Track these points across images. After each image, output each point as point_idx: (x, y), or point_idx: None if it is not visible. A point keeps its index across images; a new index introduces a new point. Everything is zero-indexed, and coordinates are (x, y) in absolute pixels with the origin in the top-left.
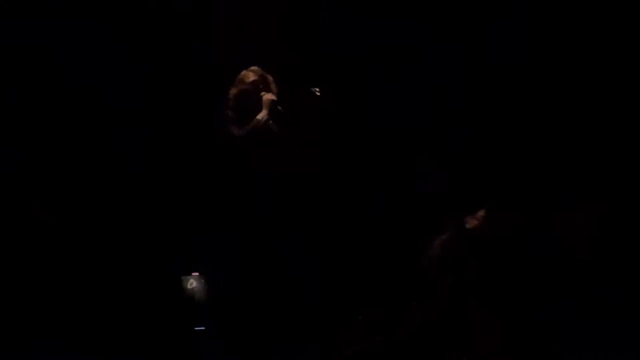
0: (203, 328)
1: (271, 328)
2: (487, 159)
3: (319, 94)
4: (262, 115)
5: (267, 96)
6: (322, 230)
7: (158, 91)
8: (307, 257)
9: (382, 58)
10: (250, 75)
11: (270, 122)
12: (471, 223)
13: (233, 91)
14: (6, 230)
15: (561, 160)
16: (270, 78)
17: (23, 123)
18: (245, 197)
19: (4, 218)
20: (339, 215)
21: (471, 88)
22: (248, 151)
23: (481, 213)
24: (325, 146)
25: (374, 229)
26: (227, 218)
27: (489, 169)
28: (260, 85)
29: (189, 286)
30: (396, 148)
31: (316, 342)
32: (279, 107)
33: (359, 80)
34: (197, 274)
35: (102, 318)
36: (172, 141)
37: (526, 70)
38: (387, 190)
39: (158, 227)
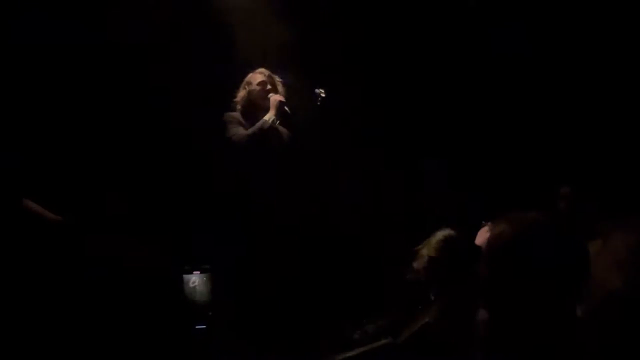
0: (204, 326)
1: (273, 328)
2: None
3: (324, 95)
4: (269, 115)
5: (275, 97)
6: (325, 231)
7: (163, 92)
8: (309, 258)
9: (384, 58)
10: (258, 76)
11: (278, 122)
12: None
13: (241, 93)
14: (13, 230)
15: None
16: (277, 79)
17: (24, 123)
18: (248, 196)
19: (10, 217)
20: (342, 216)
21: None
22: (254, 151)
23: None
24: (330, 146)
25: (380, 230)
26: (230, 217)
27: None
28: (268, 86)
29: (190, 284)
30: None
31: (318, 344)
32: (286, 108)
33: (362, 81)
34: (198, 272)
35: (102, 317)
36: (178, 141)
37: (539, 70)
38: (390, 191)
39: (160, 226)
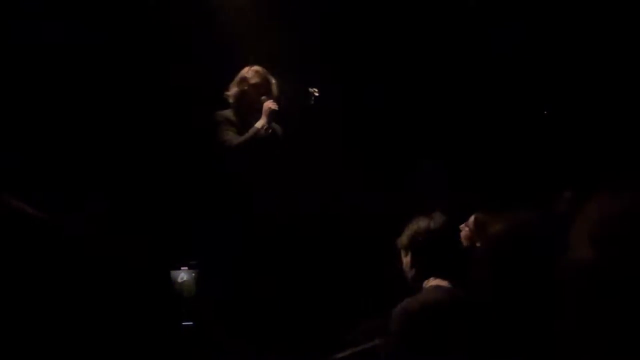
0: (191, 323)
1: (268, 328)
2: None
3: (317, 94)
4: (261, 123)
5: (267, 104)
6: (319, 230)
7: (162, 92)
8: (305, 258)
9: (381, 58)
10: (253, 77)
11: (270, 130)
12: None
13: (234, 89)
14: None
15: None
16: (272, 80)
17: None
18: (244, 197)
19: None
20: (337, 215)
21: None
22: (246, 157)
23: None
24: (325, 146)
25: (373, 230)
26: (227, 217)
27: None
28: (262, 87)
29: (178, 280)
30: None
31: (313, 344)
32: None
33: (357, 80)
34: (186, 268)
35: (90, 313)
36: (170, 141)
37: (539, 71)
38: (386, 191)
39: (149, 221)
